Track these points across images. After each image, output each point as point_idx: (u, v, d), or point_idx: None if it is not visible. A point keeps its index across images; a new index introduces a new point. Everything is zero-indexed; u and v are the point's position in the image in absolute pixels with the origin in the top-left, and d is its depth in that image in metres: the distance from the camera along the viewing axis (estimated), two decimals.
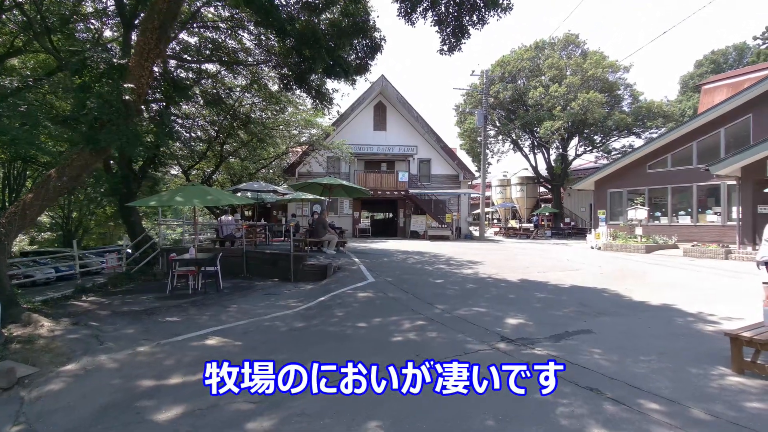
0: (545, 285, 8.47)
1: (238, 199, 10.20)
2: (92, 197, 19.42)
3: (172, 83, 9.46)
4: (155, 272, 10.68)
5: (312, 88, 10.35)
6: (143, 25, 5.90)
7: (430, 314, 6.21)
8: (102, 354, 4.81)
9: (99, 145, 5.62)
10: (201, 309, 7.09)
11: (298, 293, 8.44)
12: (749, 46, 37.47)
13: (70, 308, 7.24)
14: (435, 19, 7.50)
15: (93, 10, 12.75)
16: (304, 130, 20.89)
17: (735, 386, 3.64)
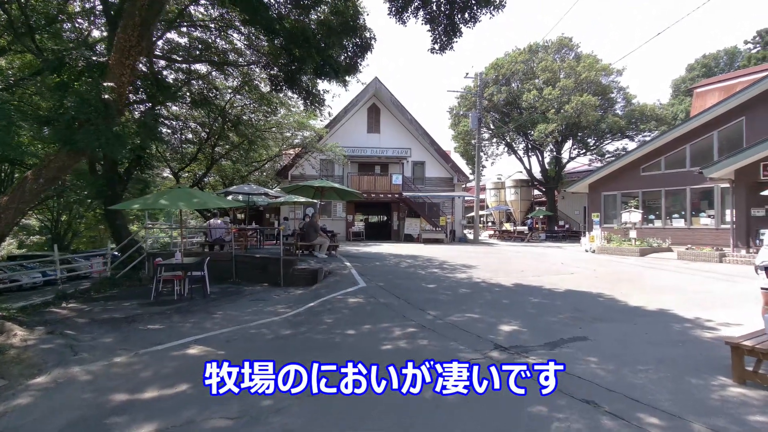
0: (540, 289, 8.32)
1: (225, 202, 9.97)
2: (79, 199, 19.01)
3: (155, 83, 9.21)
4: (141, 277, 10.40)
5: (302, 89, 10.17)
6: (124, 22, 5.69)
7: (422, 321, 6.02)
8: (75, 365, 4.57)
9: (76, 146, 5.39)
10: (185, 316, 6.85)
11: (287, 299, 8.22)
12: (740, 50, 37.86)
13: (48, 316, 6.97)
14: (426, 18, 7.35)
15: (80, 9, 12.52)
16: (297, 132, 20.71)
17: (737, 398, 3.49)
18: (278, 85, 10.32)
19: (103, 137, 5.51)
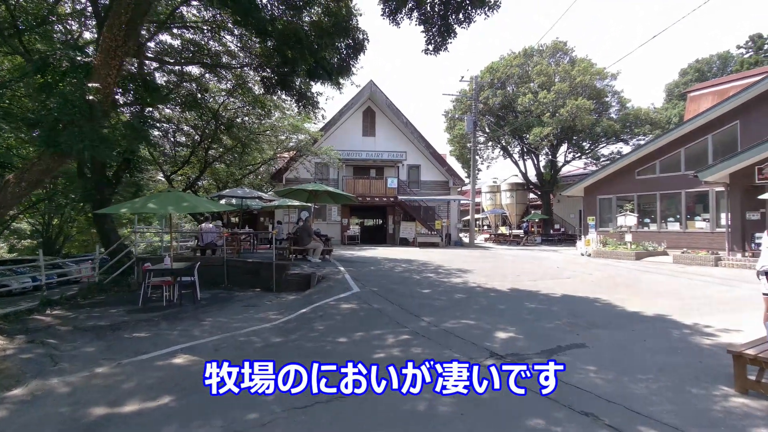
0: (536, 294, 8.20)
1: (217, 206, 9.80)
2: (68, 203, 18.71)
3: (143, 84, 9.04)
4: (130, 282, 10.18)
5: (295, 91, 10.03)
6: (110, 21, 5.54)
7: (416, 327, 5.88)
8: (54, 377, 4.38)
9: (59, 148, 5.22)
10: (173, 323, 6.66)
11: (279, 304, 8.05)
12: (733, 55, 38.18)
13: (30, 323, 6.75)
14: (420, 19, 7.24)
15: (71, 10, 12.34)
16: (292, 135, 20.53)
17: (740, 408, 3.37)
18: (271, 87, 10.18)
19: (87, 139, 5.35)
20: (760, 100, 13.98)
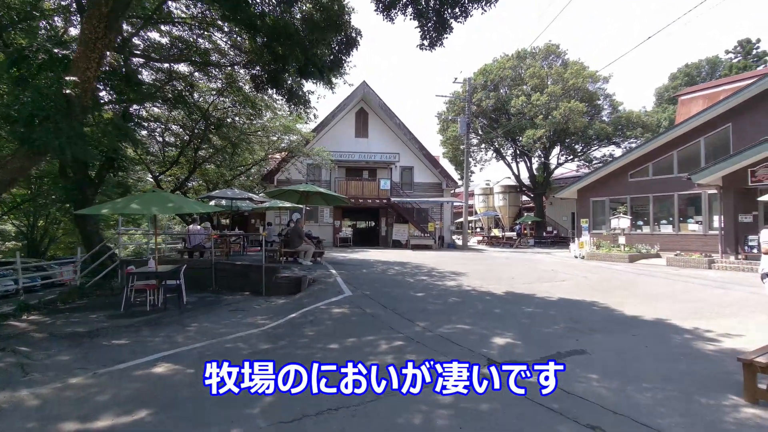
0: (532, 298, 8.03)
1: (204, 207, 9.49)
2: (49, 203, 18.18)
3: (126, 79, 8.71)
4: (113, 286, 9.81)
5: (286, 89, 9.77)
6: (89, 12, 5.26)
7: (410, 333, 5.66)
8: (24, 388, 4.08)
9: (33, 145, 4.92)
10: (155, 329, 6.36)
11: (268, 309, 7.78)
12: (722, 59, 38.68)
13: (4, 329, 6.40)
14: (415, 14, 7.04)
15: (56, 6, 11.98)
16: (284, 136, 20.24)
17: (752, 420, 3.20)
18: (261, 85, 9.91)
19: (63, 136, 5.05)
20: (753, 103, 14.03)
